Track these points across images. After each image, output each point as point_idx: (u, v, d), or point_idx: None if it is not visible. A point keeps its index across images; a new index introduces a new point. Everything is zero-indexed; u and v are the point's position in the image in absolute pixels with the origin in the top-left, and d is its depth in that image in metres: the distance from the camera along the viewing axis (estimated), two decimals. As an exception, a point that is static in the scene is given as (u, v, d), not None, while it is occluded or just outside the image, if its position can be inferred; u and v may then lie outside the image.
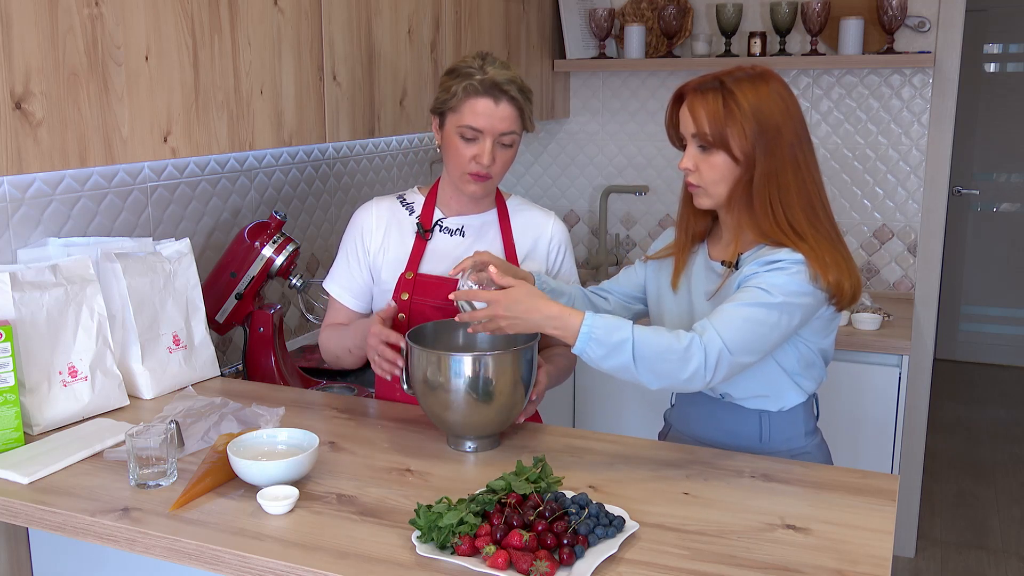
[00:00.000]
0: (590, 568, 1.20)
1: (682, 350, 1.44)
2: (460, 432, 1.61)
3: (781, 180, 1.56)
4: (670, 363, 1.44)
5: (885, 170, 3.29)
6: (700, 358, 1.45)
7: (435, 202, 1.92)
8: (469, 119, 1.77)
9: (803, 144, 1.59)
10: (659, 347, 1.44)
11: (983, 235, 5.47)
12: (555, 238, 1.96)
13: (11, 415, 1.59)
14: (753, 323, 1.48)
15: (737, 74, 1.59)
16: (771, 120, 1.55)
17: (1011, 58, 5.27)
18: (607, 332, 1.44)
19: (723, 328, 1.47)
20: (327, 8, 2.17)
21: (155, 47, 1.73)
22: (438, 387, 1.55)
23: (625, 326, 1.45)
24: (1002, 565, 3.31)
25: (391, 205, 1.94)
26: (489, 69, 1.78)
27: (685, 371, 1.45)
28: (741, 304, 1.50)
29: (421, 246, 1.89)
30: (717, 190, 1.60)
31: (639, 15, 3.53)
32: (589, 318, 1.45)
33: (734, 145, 1.55)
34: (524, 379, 1.59)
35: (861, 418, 2.86)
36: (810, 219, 1.57)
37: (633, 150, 3.65)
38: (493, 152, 1.78)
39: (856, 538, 1.31)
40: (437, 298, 1.85)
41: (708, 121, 1.56)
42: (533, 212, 1.97)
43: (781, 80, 1.60)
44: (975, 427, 4.65)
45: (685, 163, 1.61)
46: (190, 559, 1.30)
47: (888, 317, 2.96)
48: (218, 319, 2.14)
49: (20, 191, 1.84)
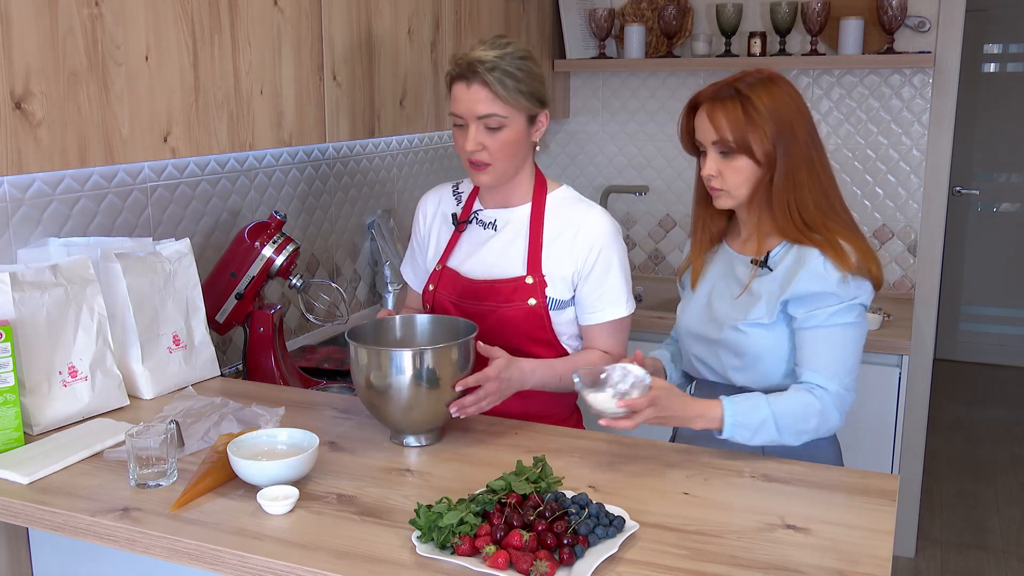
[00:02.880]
0: (590, 568, 1.20)
1: (818, 411, 1.58)
2: (402, 428, 1.63)
3: (797, 179, 1.62)
4: (810, 422, 1.58)
5: (885, 170, 3.29)
6: (834, 412, 1.59)
7: (477, 193, 1.93)
8: (452, 105, 1.77)
9: (815, 141, 1.65)
10: (797, 413, 1.58)
11: (983, 235, 5.47)
12: (592, 232, 1.81)
13: (11, 415, 1.59)
14: (847, 353, 1.61)
15: (749, 79, 1.63)
16: (787, 121, 1.61)
17: (1011, 58, 5.27)
18: (747, 415, 1.56)
19: (835, 373, 1.60)
20: (327, 8, 2.17)
21: (155, 47, 1.73)
22: (381, 382, 1.58)
23: (761, 403, 1.57)
24: (1002, 565, 3.31)
25: (444, 194, 1.97)
26: (477, 50, 1.72)
27: (826, 426, 1.60)
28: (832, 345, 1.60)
29: (455, 238, 1.91)
30: (740, 192, 1.66)
31: (639, 15, 3.53)
32: (728, 406, 1.56)
33: (756, 149, 1.60)
34: (464, 372, 1.63)
35: (861, 418, 2.86)
36: (825, 213, 1.64)
37: (633, 150, 3.65)
38: (477, 137, 1.73)
39: (856, 538, 1.31)
40: (453, 293, 1.87)
41: (729, 128, 1.61)
42: (577, 207, 1.85)
43: (789, 81, 1.66)
44: (975, 427, 4.65)
45: (708, 170, 1.65)
46: (190, 559, 1.30)
47: (888, 317, 2.96)
48: (218, 319, 2.13)
49: (20, 191, 1.84)
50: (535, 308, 1.82)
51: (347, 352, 2.27)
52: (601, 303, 1.83)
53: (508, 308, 1.82)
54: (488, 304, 1.83)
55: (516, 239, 1.86)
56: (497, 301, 1.83)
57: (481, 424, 1.74)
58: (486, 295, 1.84)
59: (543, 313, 1.82)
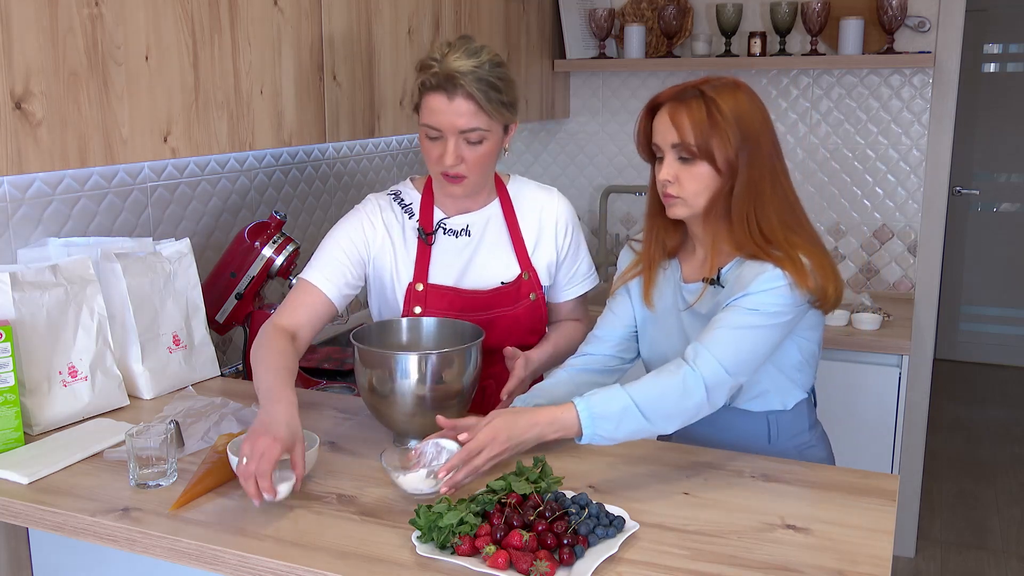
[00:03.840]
0: (590, 568, 1.20)
1: (680, 385, 1.46)
2: (406, 431, 1.61)
3: (760, 190, 1.53)
4: (674, 401, 1.45)
5: (885, 170, 3.29)
6: (700, 387, 1.46)
7: (433, 201, 1.82)
8: (426, 117, 1.67)
9: (778, 153, 1.58)
10: (659, 391, 1.46)
11: (983, 235, 5.47)
12: (560, 218, 1.86)
13: (11, 415, 1.59)
14: (746, 342, 1.49)
15: (714, 83, 1.55)
16: (752, 129, 1.53)
17: (1011, 58, 5.26)
18: (603, 405, 1.44)
19: (718, 351, 1.47)
20: (327, 8, 2.17)
21: (155, 47, 1.73)
22: (384, 386, 1.56)
23: (617, 390, 1.45)
24: (1002, 565, 3.31)
25: (390, 207, 1.82)
26: (451, 58, 1.63)
27: (690, 403, 1.46)
28: (731, 327, 1.49)
29: (426, 252, 1.79)
30: (697, 201, 1.55)
31: (639, 15, 3.53)
32: (580, 402, 1.45)
33: (718, 155, 1.52)
34: (469, 377, 1.61)
35: (861, 418, 2.86)
36: (788, 226, 1.55)
37: (633, 150, 3.63)
38: (458, 151, 1.66)
39: (856, 538, 1.31)
40: (452, 308, 1.78)
41: (693, 130, 1.51)
42: (534, 193, 1.86)
43: (751, 90, 1.57)
44: (975, 427, 4.65)
45: (664, 175, 1.54)
46: (190, 559, 1.30)
47: (888, 317, 2.96)
48: (218, 319, 2.14)
49: (20, 191, 1.84)
50: (536, 302, 1.86)
51: (347, 352, 2.25)
52: (576, 278, 1.93)
53: (514, 309, 1.84)
54: (495, 311, 1.82)
55: (498, 240, 1.83)
56: (504, 306, 1.83)
57: (481, 424, 1.74)
58: (492, 303, 1.82)
59: (541, 303, 1.87)
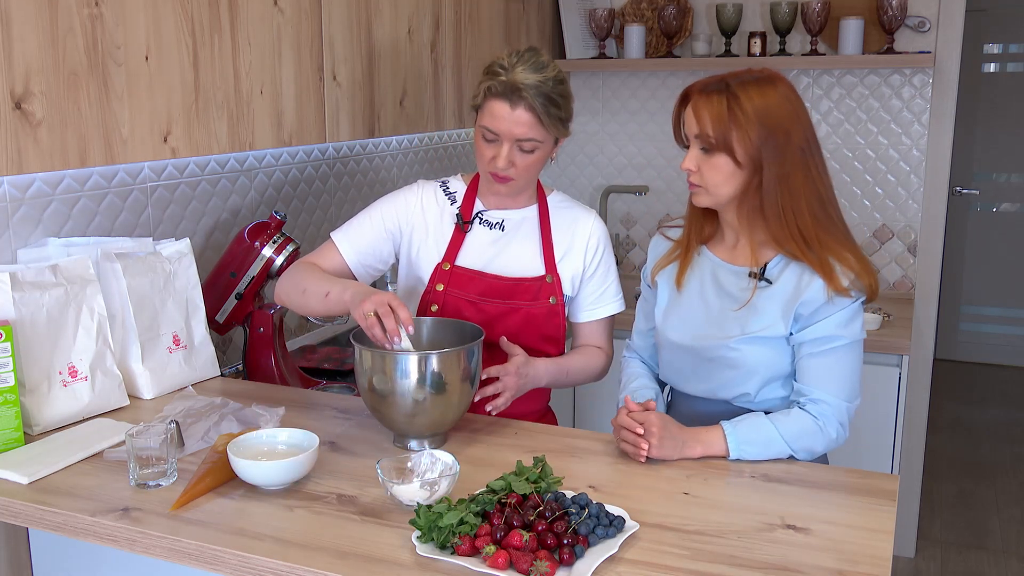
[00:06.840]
0: (590, 568, 1.20)
1: (816, 425, 1.58)
2: (406, 432, 1.61)
3: (792, 184, 1.57)
4: (814, 438, 1.58)
5: (885, 170, 3.29)
6: (834, 424, 1.59)
7: (476, 193, 1.91)
8: (487, 120, 1.75)
9: (812, 148, 1.60)
10: (801, 429, 1.57)
11: (983, 235, 5.47)
12: (592, 235, 1.91)
13: (11, 415, 1.59)
14: (848, 370, 1.61)
15: (744, 76, 1.59)
16: (779, 124, 1.55)
17: (1011, 58, 5.27)
18: (753, 431, 1.57)
19: (834, 388, 1.60)
20: (327, 8, 2.17)
21: (155, 47, 1.73)
22: (384, 386, 1.56)
23: (762, 421, 1.58)
24: (1002, 565, 3.31)
25: (435, 191, 1.92)
26: (518, 69, 1.72)
27: (827, 440, 1.59)
28: (831, 362, 1.60)
29: (460, 238, 1.88)
30: (720, 191, 1.60)
31: (639, 15, 3.53)
32: (727, 427, 1.57)
33: (737, 148, 1.55)
34: (471, 377, 1.61)
35: (861, 418, 2.83)
36: (820, 223, 1.60)
37: (633, 150, 3.65)
38: (511, 156, 1.75)
39: (856, 538, 1.31)
40: (472, 292, 1.85)
41: (711, 123, 1.56)
42: (575, 211, 1.93)
43: (789, 83, 1.60)
44: (975, 427, 4.65)
45: (687, 164, 1.61)
46: (190, 559, 1.30)
47: (888, 317, 2.96)
48: (218, 319, 2.14)
49: (20, 191, 1.84)
50: (555, 306, 1.88)
51: (347, 352, 2.25)
52: (603, 299, 1.94)
53: (532, 306, 1.86)
54: (513, 302, 1.86)
55: (528, 240, 1.89)
56: (523, 299, 1.86)
57: (481, 425, 1.74)
58: (512, 293, 1.86)
59: (560, 311, 1.89)
